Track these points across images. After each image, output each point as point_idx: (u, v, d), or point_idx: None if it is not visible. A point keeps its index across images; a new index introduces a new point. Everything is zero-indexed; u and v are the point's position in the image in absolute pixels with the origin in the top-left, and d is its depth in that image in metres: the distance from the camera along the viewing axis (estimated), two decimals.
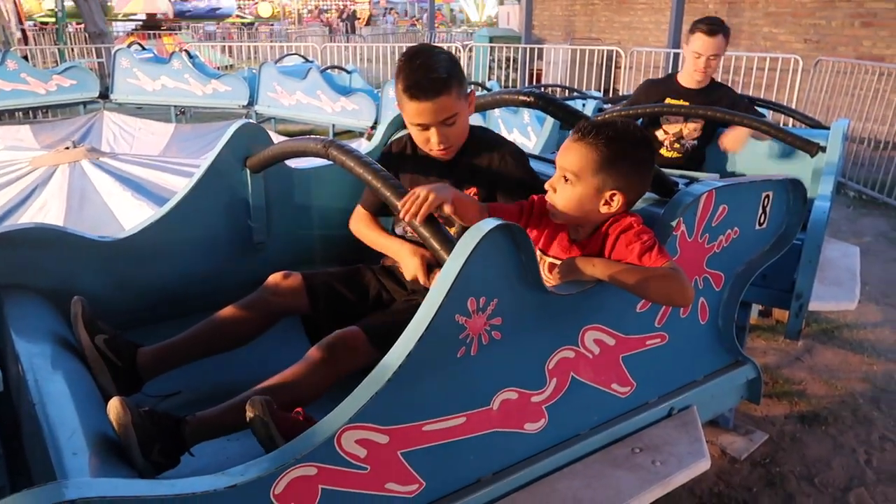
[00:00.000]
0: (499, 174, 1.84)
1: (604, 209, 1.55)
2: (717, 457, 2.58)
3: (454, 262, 1.22)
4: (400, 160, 2.02)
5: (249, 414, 1.30)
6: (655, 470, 1.55)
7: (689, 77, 3.19)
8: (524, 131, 5.78)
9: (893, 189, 5.74)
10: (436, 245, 1.37)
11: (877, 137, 6.36)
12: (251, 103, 8.39)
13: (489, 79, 11.36)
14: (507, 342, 1.37)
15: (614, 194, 1.53)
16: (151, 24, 19.37)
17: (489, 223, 1.25)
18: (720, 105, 3.00)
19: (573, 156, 1.53)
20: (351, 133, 8.06)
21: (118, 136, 7.02)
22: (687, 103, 3.12)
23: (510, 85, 11.72)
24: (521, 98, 1.88)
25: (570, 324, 1.48)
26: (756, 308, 3.26)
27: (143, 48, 9.41)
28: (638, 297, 1.49)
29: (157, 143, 6.78)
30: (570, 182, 1.53)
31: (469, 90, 1.83)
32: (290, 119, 8.54)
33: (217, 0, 22.15)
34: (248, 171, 2.11)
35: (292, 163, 2.19)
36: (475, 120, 5.16)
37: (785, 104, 7.35)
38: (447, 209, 1.44)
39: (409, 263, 1.79)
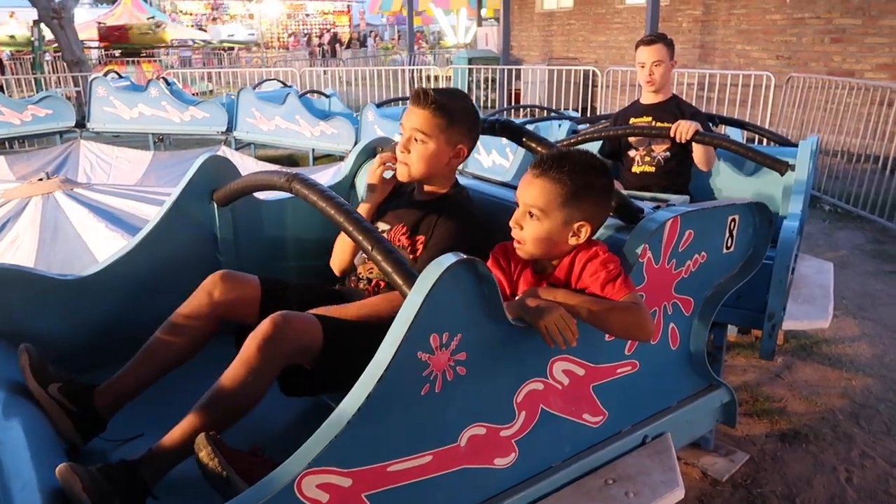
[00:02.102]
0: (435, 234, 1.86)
1: (572, 241, 1.56)
2: (698, 479, 2.57)
3: (415, 298, 1.21)
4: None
5: (198, 455, 1.26)
6: (629, 502, 1.52)
7: (645, 93, 3.27)
8: (503, 152, 5.80)
9: (868, 202, 5.81)
10: (398, 280, 1.35)
11: (850, 150, 6.45)
12: (230, 129, 8.37)
13: None
14: (473, 377, 1.35)
15: (582, 225, 1.54)
16: (129, 52, 19.33)
17: (449, 258, 1.23)
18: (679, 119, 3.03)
19: (537, 191, 1.53)
20: (331, 157, 8.05)
21: (95, 166, 6.96)
22: (650, 118, 3.15)
23: (490, 105, 11.80)
24: (485, 125, 1.88)
25: (537, 356, 1.46)
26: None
27: (120, 76, 9.36)
28: (599, 329, 1.47)
29: (135, 172, 6.73)
30: (536, 218, 1.53)
31: (459, 146, 1.86)
32: (269, 144, 8.53)
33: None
34: (215, 205, 2.09)
35: (261, 194, 2.17)
36: None
37: (758, 122, 7.49)
38: None
39: None
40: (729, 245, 1.80)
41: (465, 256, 1.24)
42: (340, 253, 2.04)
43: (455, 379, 1.32)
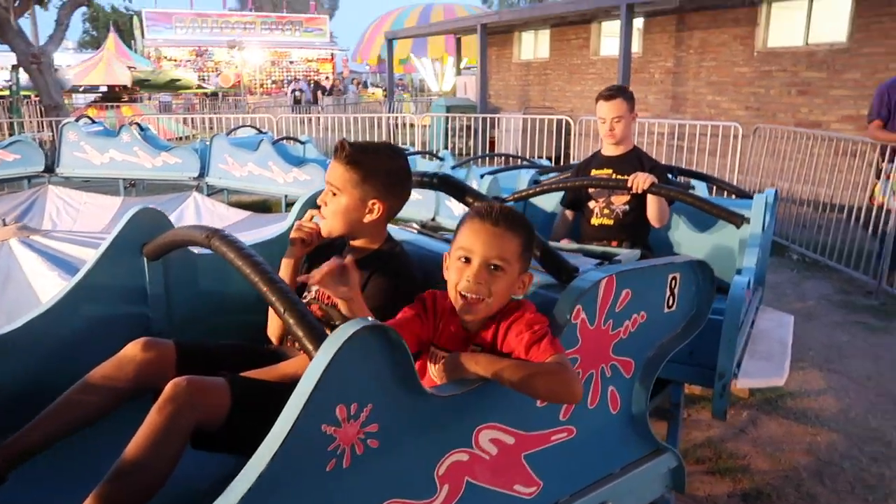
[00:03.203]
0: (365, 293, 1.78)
1: (518, 293, 1.52)
2: None
3: (317, 365, 1.13)
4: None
5: None
6: None
7: (606, 145, 3.28)
8: None
9: (835, 251, 5.83)
10: (308, 346, 1.27)
11: (818, 200, 6.51)
12: (202, 175, 8.32)
13: (445, 148, 11.51)
14: (387, 450, 1.26)
15: (528, 276, 1.54)
16: (111, 96, 19.38)
17: (356, 323, 1.16)
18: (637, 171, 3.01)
19: (501, 244, 1.47)
20: None
21: (62, 211, 6.86)
22: (611, 170, 3.14)
23: (467, 153, 11.88)
24: (424, 180, 1.83)
25: (460, 425, 1.38)
26: None
27: (93, 121, 9.32)
28: (524, 395, 1.39)
29: (103, 218, 6.62)
30: (502, 270, 1.47)
31: (372, 202, 1.78)
32: (242, 190, 8.48)
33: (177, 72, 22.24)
34: (145, 259, 2.01)
35: (195, 248, 2.10)
36: None
37: (727, 171, 7.56)
38: (341, 306, 1.38)
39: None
40: (670, 304, 1.74)
41: (373, 322, 1.17)
42: (275, 319, 1.96)
43: (366, 452, 1.23)
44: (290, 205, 8.12)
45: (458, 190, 1.81)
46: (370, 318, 1.19)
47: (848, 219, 5.88)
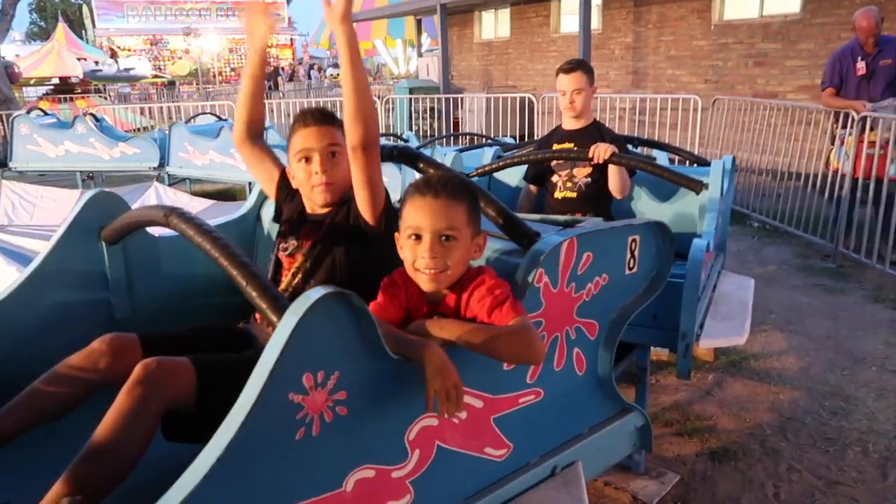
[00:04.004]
0: None
1: (476, 257, 1.53)
2: None
3: (280, 335, 1.12)
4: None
5: None
6: None
7: (566, 118, 3.28)
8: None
9: (794, 218, 5.98)
10: (272, 317, 1.27)
11: (776, 169, 6.66)
12: (162, 164, 8.16)
13: (409, 129, 11.45)
14: (356, 417, 1.27)
15: (482, 237, 1.54)
16: (64, 88, 18.83)
17: (318, 291, 1.16)
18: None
19: (448, 213, 1.47)
20: None
21: (17, 206, 6.68)
22: (572, 144, 3.16)
23: (430, 134, 11.83)
24: (383, 153, 1.82)
25: None
26: None
27: (46, 113, 9.06)
28: (489, 357, 1.41)
29: (61, 211, 6.46)
30: (454, 239, 1.48)
31: None
32: (205, 179, 8.34)
33: (129, 61, 21.53)
34: (104, 244, 1.97)
35: (155, 231, 2.06)
36: None
37: (688, 143, 7.67)
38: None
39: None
40: (632, 266, 1.77)
41: (335, 289, 1.17)
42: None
43: (335, 420, 1.23)
44: None
45: (414, 159, 1.81)
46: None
47: (805, 186, 6.02)
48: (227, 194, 8.49)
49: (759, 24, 9.07)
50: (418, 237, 1.49)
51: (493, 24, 14.81)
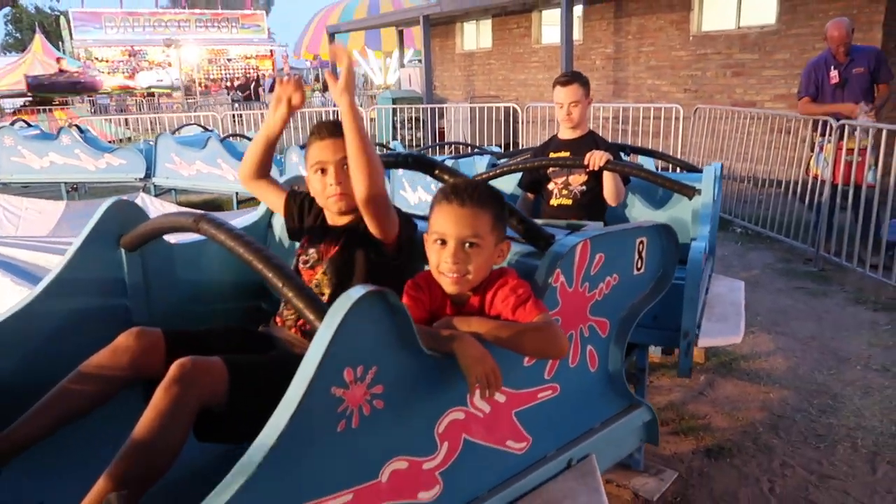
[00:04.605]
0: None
1: (499, 262, 1.61)
2: (630, 500, 2.59)
3: (324, 332, 1.18)
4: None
5: None
6: None
7: (563, 129, 3.38)
8: (428, 189, 5.85)
9: (776, 223, 6.13)
10: (310, 317, 1.33)
11: (756, 176, 6.83)
12: (149, 175, 8.14)
13: (394, 139, 11.53)
14: (391, 410, 1.33)
15: (505, 244, 1.61)
16: (42, 100, 18.65)
17: (359, 290, 1.22)
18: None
19: (472, 221, 1.54)
20: (257, 200, 7.92)
21: (2, 218, 6.62)
22: (568, 153, 3.25)
23: (415, 144, 11.93)
24: (398, 160, 1.89)
25: (456, 384, 1.45)
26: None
27: (29, 125, 9.00)
28: (514, 352, 1.48)
29: (47, 223, 6.42)
30: (477, 246, 1.54)
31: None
32: (191, 189, 8.34)
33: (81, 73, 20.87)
34: (122, 251, 2.01)
35: (172, 238, 2.11)
36: None
37: (669, 151, 7.84)
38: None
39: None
40: (639, 266, 1.85)
41: (374, 288, 1.23)
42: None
43: (372, 413, 1.29)
44: (241, 202, 8.03)
45: (430, 167, 1.88)
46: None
47: (785, 192, 6.19)
48: (214, 204, 8.48)
49: (737, 35, 9.31)
50: (444, 242, 1.55)
51: (475, 35, 14.97)
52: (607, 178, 3.09)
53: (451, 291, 1.58)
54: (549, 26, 12.67)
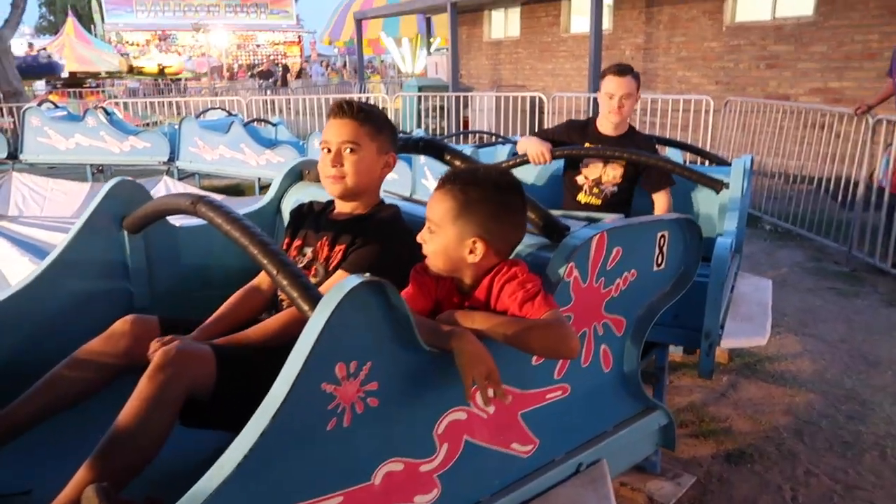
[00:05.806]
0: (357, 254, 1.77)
1: (470, 258, 1.47)
2: None
3: (315, 323, 1.11)
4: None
5: None
6: None
7: (605, 121, 3.16)
8: None
9: (806, 221, 5.94)
10: (304, 306, 1.26)
11: (788, 171, 6.62)
12: (172, 159, 8.16)
13: (419, 127, 11.45)
14: (386, 409, 1.25)
15: (476, 241, 1.46)
16: (74, 82, 18.86)
17: (353, 279, 1.14)
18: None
19: (434, 205, 1.49)
20: None
21: (27, 198, 6.70)
22: None
23: (439, 132, 11.82)
24: (409, 144, 1.81)
25: (458, 383, 1.36)
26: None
27: (57, 106, 9.07)
28: (520, 350, 1.39)
29: (71, 204, 6.49)
30: (434, 232, 1.48)
31: (389, 154, 1.83)
32: (214, 174, 8.34)
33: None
34: (125, 233, 1.96)
35: (176, 220, 2.05)
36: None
37: (699, 145, 7.65)
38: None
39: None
40: (660, 262, 1.75)
41: (370, 278, 1.15)
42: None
43: (366, 411, 1.22)
44: (263, 187, 8.01)
45: (439, 151, 1.79)
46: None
47: (818, 189, 5.98)
48: (236, 189, 8.50)
49: (772, 26, 9.03)
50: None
51: (503, 24, 14.79)
52: (660, 204, 2.99)
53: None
54: (578, 15, 12.45)
